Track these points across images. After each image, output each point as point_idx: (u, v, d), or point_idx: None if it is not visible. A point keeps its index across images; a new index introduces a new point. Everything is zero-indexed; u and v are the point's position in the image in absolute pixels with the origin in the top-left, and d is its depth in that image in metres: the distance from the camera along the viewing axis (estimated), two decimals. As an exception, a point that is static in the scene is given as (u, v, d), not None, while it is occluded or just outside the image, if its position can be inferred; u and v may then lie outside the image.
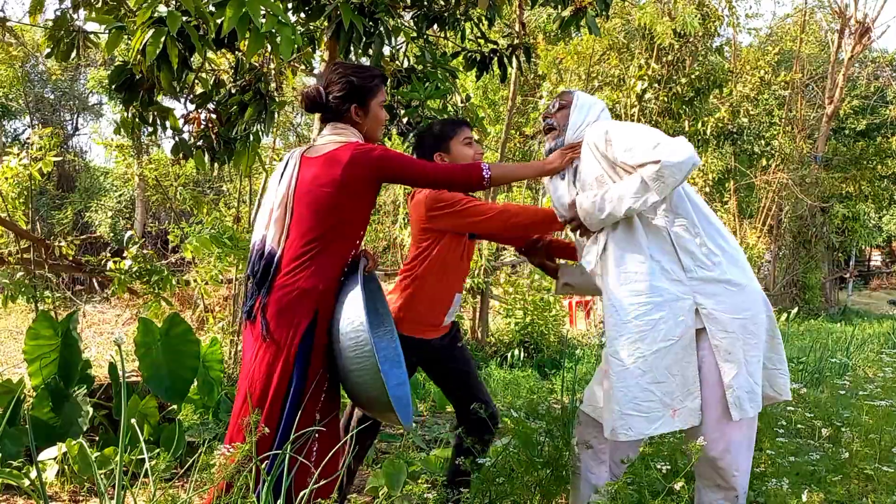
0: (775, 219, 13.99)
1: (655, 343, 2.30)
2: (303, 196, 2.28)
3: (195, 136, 3.55)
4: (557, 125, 2.61)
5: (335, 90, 2.37)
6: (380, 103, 2.43)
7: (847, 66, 15.02)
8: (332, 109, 2.39)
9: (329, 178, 2.26)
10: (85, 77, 17.82)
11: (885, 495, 2.60)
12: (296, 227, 2.28)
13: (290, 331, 2.20)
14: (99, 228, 15.58)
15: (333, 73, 2.41)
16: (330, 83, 2.39)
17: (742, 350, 2.32)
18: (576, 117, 2.58)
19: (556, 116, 2.62)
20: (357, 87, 2.36)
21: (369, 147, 2.31)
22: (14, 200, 4.87)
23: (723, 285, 2.35)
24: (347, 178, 2.25)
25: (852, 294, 18.94)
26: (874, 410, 3.25)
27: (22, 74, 14.85)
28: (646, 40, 8.72)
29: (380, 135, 2.51)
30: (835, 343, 7.55)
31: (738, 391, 2.30)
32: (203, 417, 3.94)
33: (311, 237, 2.25)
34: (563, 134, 2.58)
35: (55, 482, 3.17)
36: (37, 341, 3.66)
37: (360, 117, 2.39)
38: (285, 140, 13.51)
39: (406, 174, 2.35)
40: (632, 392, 2.29)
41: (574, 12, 3.76)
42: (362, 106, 2.39)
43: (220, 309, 6.79)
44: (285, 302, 2.22)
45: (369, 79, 2.40)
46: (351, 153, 2.27)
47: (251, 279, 2.30)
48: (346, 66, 2.44)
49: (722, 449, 2.34)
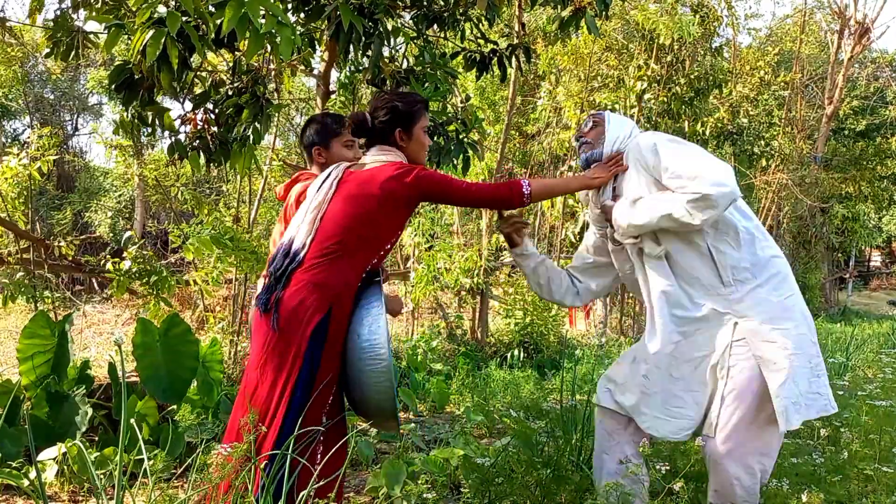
0: (775, 219, 13.99)
1: (690, 352, 2.43)
2: (338, 203, 2.36)
3: (191, 137, 3.55)
4: (592, 142, 2.67)
5: (381, 115, 2.48)
6: (423, 128, 2.53)
7: (847, 66, 15.02)
8: (378, 133, 2.50)
9: (368, 191, 2.35)
10: (85, 77, 17.82)
11: (885, 496, 2.60)
12: (323, 230, 2.34)
13: (303, 324, 2.23)
14: (98, 229, 15.57)
15: (379, 99, 2.54)
16: (376, 108, 2.51)
17: (787, 360, 2.33)
18: (613, 132, 2.65)
19: (589, 134, 2.69)
20: (401, 113, 2.48)
21: (410, 166, 2.40)
22: (14, 200, 4.88)
23: (760, 298, 2.38)
24: (386, 193, 2.33)
25: (852, 294, 18.95)
26: (874, 411, 3.25)
27: (21, 74, 14.84)
28: (645, 41, 8.72)
29: (423, 158, 2.60)
30: (834, 343, 7.55)
31: (785, 401, 2.30)
32: (202, 418, 3.93)
33: (336, 241, 2.31)
34: (598, 147, 2.64)
35: (55, 482, 3.17)
36: (32, 340, 3.65)
37: (404, 141, 2.50)
38: (285, 140, 13.51)
39: (446, 192, 2.43)
40: (663, 396, 2.45)
41: (573, 13, 3.76)
42: (406, 130, 2.49)
43: (220, 309, 6.79)
44: (299, 297, 2.25)
45: (413, 104, 2.51)
46: (393, 171, 2.37)
47: (272, 275, 2.35)
48: (392, 93, 2.59)
49: (727, 462, 2.37)
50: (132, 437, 3.11)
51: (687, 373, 2.43)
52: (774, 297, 2.39)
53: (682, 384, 2.44)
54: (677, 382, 2.44)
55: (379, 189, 2.33)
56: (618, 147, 2.62)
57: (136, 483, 2.83)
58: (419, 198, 2.41)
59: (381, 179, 2.35)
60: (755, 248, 2.42)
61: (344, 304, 2.29)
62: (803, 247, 15.20)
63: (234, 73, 3.57)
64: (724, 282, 2.39)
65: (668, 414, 2.44)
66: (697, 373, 2.43)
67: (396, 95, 2.55)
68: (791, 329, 2.37)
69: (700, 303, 2.42)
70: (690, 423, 2.44)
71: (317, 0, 3.30)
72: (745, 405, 2.35)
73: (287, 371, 2.23)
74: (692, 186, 2.29)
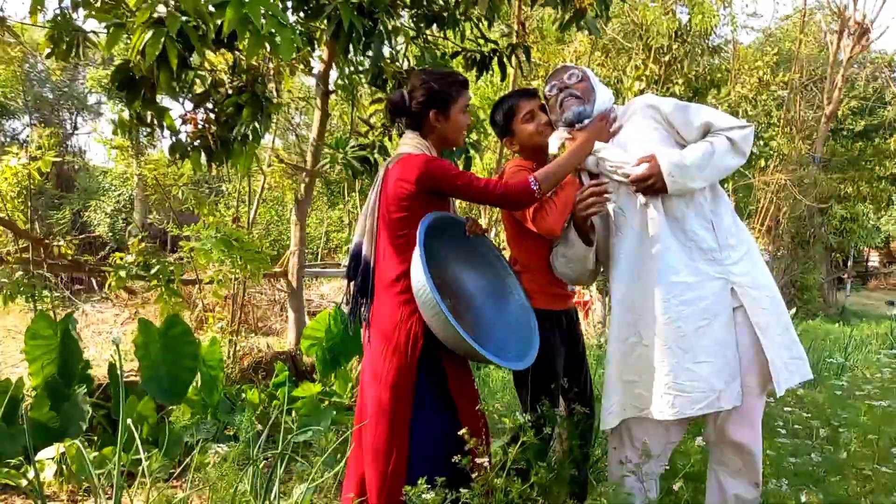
0: (773, 219, 13.99)
1: (695, 321, 2.30)
2: (383, 214, 2.40)
3: (192, 137, 3.55)
4: (582, 96, 2.52)
5: (417, 96, 2.43)
6: (461, 108, 2.47)
7: (846, 67, 15.02)
8: (414, 115, 2.45)
9: (388, 192, 2.37)
10: (84, 77, 17.80)
11: (884, 496, 2.60)
12: (381, 243, 2.40)
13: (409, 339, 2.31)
14: (98, 228, 15.55)
15: (416, 78, 2.48)
16: (413, 88, 2.45)
17: (776, 324, 2.34)
18: (601, 91, 2.55)
19: (578, 87, 2.54)
20: (438, 93, 2.42)
21: (413, 159, 2.36)
22: (13, 200, 4.87)
23: (752, 262, 2.38)
24: (397, 191, 2.35)
25: (850, 295, 18.97)
26: (872, 411, 3.26)
27: (21, 74, 14.83)
28: (643, 41, 8.72)
29: (460, 140, 2.54)
30: (833, 344, 7.55)
31: (780, 366, 2.31)
32: (201, 418, 3.93)
33: (394, 255, 2.35)
34: (589, 105, 2.51)
35: (53, 482, 3.17)
36: (36, 341, 3.66)
37: (439, 122, 2.45)
38: (285, 140, 13.49)
39: (453, 186, 2.36)
40: (673, 372, 2.30)
41: (574, 14, 3.76)
42: (443, 111, 2.44)
43: (220, 309, 6.78)
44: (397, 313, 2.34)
45: (451, 84, 2.45)
46: (400, 167, 2.36)
47: (352, 283, 2.47)
48: (429, 73, 2.50)
49: (751, 432, 2.34)
50: (131, 437, 3.12)
51: (694, 343, 2.31)
52: (760, 263, 2.41)
53: (689, 356, 2.30)
54: (685, 355, 2.30)
55: (392, 188, 2.35)
56: (605, 106, 2.53)
57: (134, 483, 2.83)
58: (425, 189, 2.34)
59: (393, 179, 2.36)
60: (737, 218, 2.45)
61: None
62: (802, 247, 15.20)
63: (233, 73, 3.57)
64: (721, 246, 2.36)
65: (679, 389, 2.30)
66: (704, 341, 2.31)
67: (434, 75, 2.48)
68: (776, 294, 2.40)
69: (700, 268, 2.34)
70: (703, 395, 2.29)
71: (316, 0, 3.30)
72: (755, 373, 2.32)
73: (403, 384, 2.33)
74: (732, 121, 2.37)
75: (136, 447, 2.41)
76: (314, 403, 3.95)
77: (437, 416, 2.32)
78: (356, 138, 4.03)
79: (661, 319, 2.32)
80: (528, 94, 2.70)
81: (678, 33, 8.46)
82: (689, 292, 2.31)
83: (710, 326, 2.31)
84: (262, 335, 7.57)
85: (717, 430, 2.39)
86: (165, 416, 3.76)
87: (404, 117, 2.49)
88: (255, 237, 5.42)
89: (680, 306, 2.31)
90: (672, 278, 2.32)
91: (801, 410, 3.63)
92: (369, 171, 3.86)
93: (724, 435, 2.38)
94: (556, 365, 2.64)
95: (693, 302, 2.31)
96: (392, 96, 2.51)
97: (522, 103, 2.66)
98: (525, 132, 2.66)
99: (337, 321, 4.81)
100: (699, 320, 2.31)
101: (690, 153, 2.35)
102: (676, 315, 2.31)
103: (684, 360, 2.30)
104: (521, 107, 2.65)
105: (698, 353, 2.30)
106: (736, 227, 2.42)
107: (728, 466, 2.40)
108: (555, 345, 2.63)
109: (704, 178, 2.34)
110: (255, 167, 4.38)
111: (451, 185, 2.34)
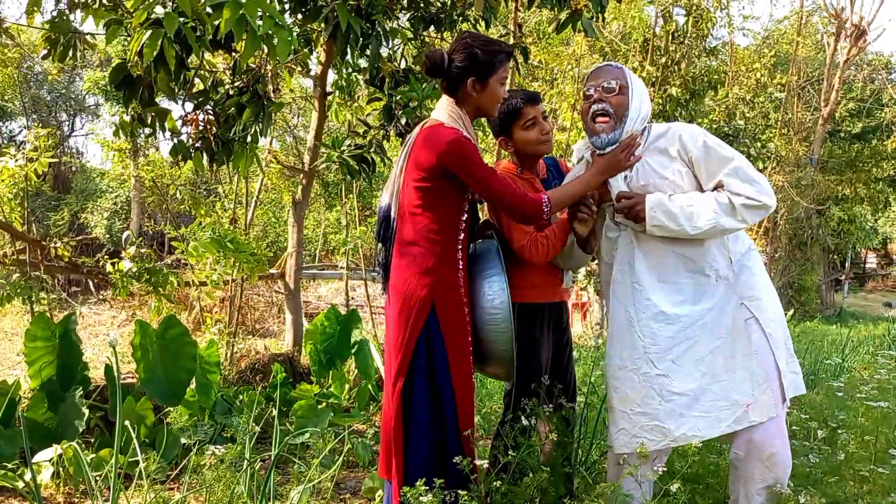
0: (771, 221, 14.01)
1: (711, 343, 2.29)
2: (406, 172, 2.38)
3: (193, 138, 3.55)
4: (613, 112, 2.34)
5: (458, 59, 2.34)
6: (500, 80, 2.38)
7: (843, 68, 15.05)
8: (451, 77, 2.36)
9: (413, 161, 2.34)
10: (81, 78, 17.78)
11: (881, 497, 2.60)
12: (402, 208, 2.39)
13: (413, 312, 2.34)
14: (95, 230, 15.53)
15: (460, 42, 2.38)
16: (454, 51, 2.36)
17: (783, 335, 2.36)
18: (636, 107, 2.35)
19: (612, 100, 2.34)
20: (480, 61, 2.33)
21: (442, 132, 2.30)
22: (10, 201, 4.86)
23: (759, 276, 2.38)
24: (418, 158, 2.32)
25: (848, 296, 19.01)
26: (870, 412, 3.26)
27: (18, 76, 14.82)
28: (639, 42, 8.73)
29: (495, 111, 2.45)
30: (830, 345, 7.56)
31: (790, 374, 2.34)
32: (198, 419, 3.93)
33: (410, 223, 2.36)
34: (620, 126, 2.34)
35: (50, 484, 3.16)
36: (35, 343, 3.64)
37: (476, 91, 2.36)
38: (282, 142, 13.49)
39: (470, 172, 2.28)
40: (693, 394, 2.29)
41: (570, 15, 3.77)
42: (481, 80, 2.34)
43: (218, 311, 6.78)
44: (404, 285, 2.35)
45: (493, 54, 2.34)
46: (427, 134, 2.33)
47: (382, 246, 2.50)
48: (475, 37, 2.40)
49: (780, 443, 2.31)
50: (128, 439, 3.11)
51: (710, 364, 2.29)
52: (764, 278, 2.41)
53: (708, 378, 2.28)
54: (704, 377, 2.28)
55: (413, 155, 2.33)
56: (637, 127, 2.36)
57: (131, 485, 2.82)
58: (444, 165, 2.27)
59: (416, 145, 2.34)
60: (742, 233, 2.43)
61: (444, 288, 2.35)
62: (799, 249, 15.23)
63: (234, 73, 3.57)
64: (734, 263, 2.34)
65: (700, 411, 2.28)
66: (719, 360, 2.30)
67: (480, 40, 2.37)
68: (780, 309, 2.42)
69: (708, 289, 2.32)
70: (728, 413, 2.28)
71: (314, 1, 3.30)
72: (774, 383, 2.31)
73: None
74: (750, 191, 2.24)
75: (134, 449, 2.41)
76: (311, 405, 3.94)
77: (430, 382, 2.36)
78: (353, 138, 4.03)
79: (676, 345, 2.30)
80: (532, 99, 2.62)
81: (675, 35, 8.48)
82: (702, 318, 2.31)
83: (723, 345, 2.30)
84: (259, 337, 7.57)
85: (747, 444, 2.33)
86: (163, 418, 3.75)
87: (440, 77, 2.39)
88: (250, 238, 5.40)
89: (696, 332, 2.30)
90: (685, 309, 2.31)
91: (798, 411, 3.63)
92: (366, 170, 3.86)
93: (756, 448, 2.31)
94: (541, 358, 2.64)
95: (704, 326, 2.30)
96: (432, 53, 2.39)
97: (527, 109, 2.59)
98: (524, 139, 2.61)
99: (332, 322, 4.81)
100: (715, 340, 2.30)
101: (683, 200, 2.27)
102: (694, 342, 2.30)
103: (703, 381, 2.29)
104: (524, 112, 2.58)
105: (718, 373, 2.29)
106: (746, 241, 2.41)
107: (757, 481, 2.32)
108: (539, 338, 2.64)
109: (695, 229, 2.25)
110: (253, 168, 4.37)
111: (471, 173, 2.28)
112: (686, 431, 2.28)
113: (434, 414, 2.33)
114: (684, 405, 2.29)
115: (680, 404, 2.29)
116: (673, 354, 2.30)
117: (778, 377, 2.31)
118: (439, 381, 2.34)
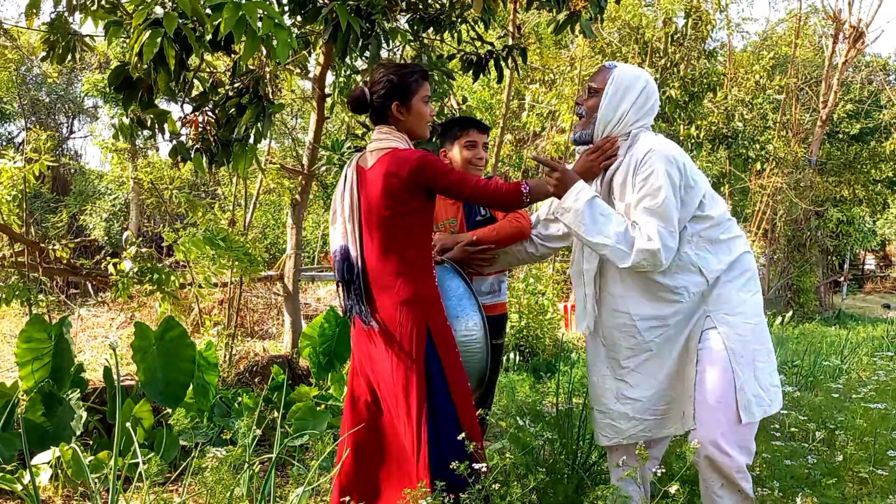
0: (770, 222, 14.03)
1: (670, 353, 2.39)
2: (368, 215, 2.38)
3: (193, 139, 3.55)
4: (585, 115, 2.41)
5: (377, 89, 2.42)
6: (422, 99, 2.44)
7: (841, 70, 15.07)
8: (377, 108, 2.44)
9: (378, 192, 2.34)
10: (80, 80, 17.78)
11: (880, 498, 2.60)
12: (371, 245, 2.38)
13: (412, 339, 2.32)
14: (93, 232, 15.51)
15: (376, 72, 2.47)
16: (373, 84, 2.44)
17: (752, 354, 2.34)
18: (604, 109, 2.36)
19: (586, 104, 2.41)
20: (397, 86, 2.40)
21: (404, 154, 2.35)
22: (8, 203, 4.86)
23: (737, 291, 2.37)
24: (387, 187, 2.32)
25: (846, 298, 19.01)
26: (868, 413, 3.26)
27: (17, 77, 14.81)
28: (638, 44, 8.74)
29: (425, 131, 2.51)
30: (829, 346, 7.57)
31: (748, 394, 2.31)
32: (197, 421, 3.92)
33: (389, 255, 2.35)
34: (589, 127, 2.40)
35: (49, 487, 3.16)
36: (29, 344, 3.64)
37: (402, 114, 2.42)
38: (281, 143, 13.49)
39: (445, 183, 2.34)
40: (648, 400, 2.41)
41: (568, 16, 3.77)
42: (404, 103, 2.42)
43: (217, 313, 6.77)
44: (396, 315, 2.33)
45: (408, 76, 2.43)
46: (388, 162, 2.34)
47: (343, 286, 2.43)
48: (388, 66, 2.49)
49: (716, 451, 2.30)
50: (127, 441, 3.10)
51: (668, 372, 2.39)
52: (744, 292, 2.39)
53: (665, 384, 2.40)
54: (660, 384, 2.40)
55: (383, 187, 2.32)
56: (609, 132, 2.37)
57: (130, 487, 2.82)
58: (418, 184, 2.32)
59: (381, 176, 2.33)
60: (730, 247, 2.40)
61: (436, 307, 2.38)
62: (798, 250, 15.23)
63: (234, 74, 3.57)
64: (709, 282, 2.35)
65: (653, 413, 2.42)
66: (674, 369, 2.39)
67: (392, 67, 2.46)
68: (759, 324, 2.39)
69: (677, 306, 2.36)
70: (676, 416, 2.42)
71: (313, 2, 3.30)
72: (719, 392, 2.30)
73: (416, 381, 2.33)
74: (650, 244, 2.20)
75: (133, 451, 2.40)
76: (310, 407, 3.94)
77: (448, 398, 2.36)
78: (352, 139, 4.03)
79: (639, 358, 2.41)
80: (481, 128, 2.95)
81: (674, 37, 8.49)
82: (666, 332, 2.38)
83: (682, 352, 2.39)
84: (258, 339, 7.55)
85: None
86: (162, 420, 3.74)
87: (366, 112, 2.49)
88: (245, 238, 5.40)
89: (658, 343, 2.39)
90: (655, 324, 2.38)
91: (797, 413, 3.63)
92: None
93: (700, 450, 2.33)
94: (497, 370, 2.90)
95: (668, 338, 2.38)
96: (353, 91, 2.50)
97: (474, 132, 2.91)
98: (460, 156, 2.92)
99: (331, 323, 4.80)
100: (673, 351, 2.39)
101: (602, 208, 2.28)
102: (657, 352, 2.40)
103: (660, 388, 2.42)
104: (469, 134, 2.91)
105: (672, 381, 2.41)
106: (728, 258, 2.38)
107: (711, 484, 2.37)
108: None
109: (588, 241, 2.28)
110: (252, 169, 4.38)
111: (445, 180, 2.33)
112: (637, 432, 2.43)
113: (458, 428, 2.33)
114: (638, 410, 2.42)
115: (634, 409, 2.43)
116: (633, 364, 2.42)
117: (733, 392, 2.29)
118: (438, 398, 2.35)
